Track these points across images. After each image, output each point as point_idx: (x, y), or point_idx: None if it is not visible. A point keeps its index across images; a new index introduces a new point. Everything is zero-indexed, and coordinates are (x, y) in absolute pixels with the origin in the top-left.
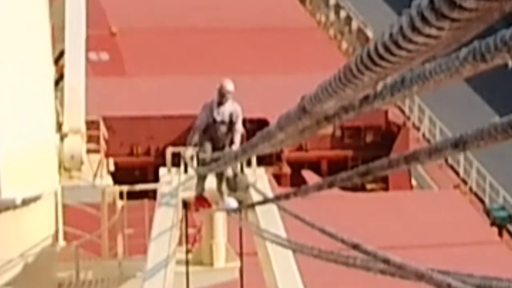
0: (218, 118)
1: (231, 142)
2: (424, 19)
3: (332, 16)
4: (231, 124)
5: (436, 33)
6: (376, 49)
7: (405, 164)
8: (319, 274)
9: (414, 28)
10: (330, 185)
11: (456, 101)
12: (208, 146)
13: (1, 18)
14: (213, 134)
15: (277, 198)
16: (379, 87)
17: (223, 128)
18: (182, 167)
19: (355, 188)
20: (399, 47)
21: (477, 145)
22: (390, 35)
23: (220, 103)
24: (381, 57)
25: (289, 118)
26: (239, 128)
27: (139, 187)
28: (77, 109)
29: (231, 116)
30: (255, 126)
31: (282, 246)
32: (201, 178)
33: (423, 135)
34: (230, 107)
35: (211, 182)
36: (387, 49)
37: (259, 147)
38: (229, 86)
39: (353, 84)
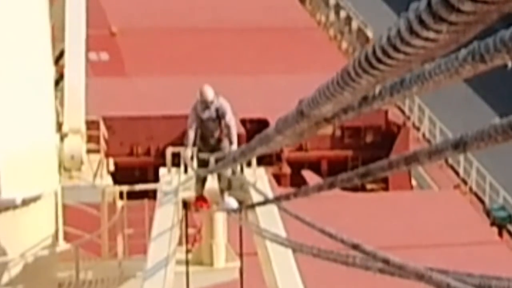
0: (204, 116)
1: (229, 139)
2: (422, 22)
3: (332, 16)
4: (220, 119)
5: (434, 36)
6: (374, 52)
7: (405, 165)
8: (319, 274)
9: (412, 31)
10: (331, 186)
11: (456, 101)
12: (204, 148)
13: (1, 18)
14: (204, 131)
15: (277, 199)
16: (378, 88)
17: (212, 125)
18: (182, 167)
19: (355, 188)
20: (397, 50)
21: (477, 146)
22: (388, 39)
23: (205, 108)
24: (379, 60)
25: (287, 122)
26: (230, 121)
27: (139, 187)
28: (77, 109)
29: (217, 111)
30: (255, 126)
31: (282, 246)
32: (200, 179)
33: (423, 135)
34: (215, 104)
35: (211, 182)
36: (385, 52)
37: (258, 150)
38: (209, 94)
39: (351, 87)
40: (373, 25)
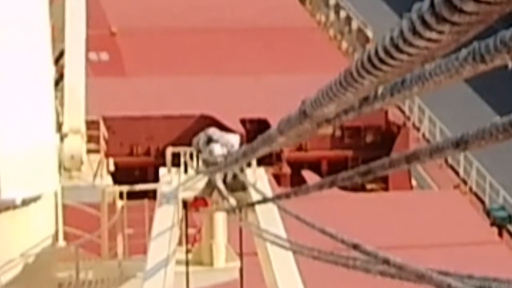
0: None
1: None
2: (424, 22)
3: (332, 16)
4: None
5: (436, 37)
6: (376, 53)
7: (406, 163)
8: (319, 274)
9: (414, 32)
10: (331, 185)
11: (456, 101)
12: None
13: (1, 18)
14: None
15: (277, 198)
16: (381, 89)
17: None
18: (182, 167)
19: (355, 188)
20: (399, 51)
21: (478, 144)
22: (390, 39)
23: None
24: (381, 61)
25: (290, 122)
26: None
27: (139, 187)
28: (77, 109)
29: None
30: (255, 126)
31: (282, 247)
32: (212, 184)
33: (423, 135)
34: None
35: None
36: (387, 53)
37: (260, 150)
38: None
39: (354, 88)
40: (373, 25)
